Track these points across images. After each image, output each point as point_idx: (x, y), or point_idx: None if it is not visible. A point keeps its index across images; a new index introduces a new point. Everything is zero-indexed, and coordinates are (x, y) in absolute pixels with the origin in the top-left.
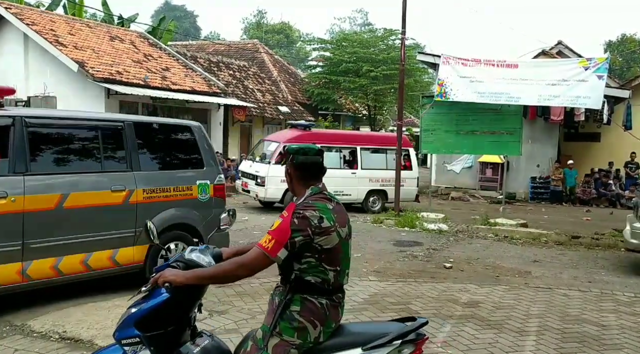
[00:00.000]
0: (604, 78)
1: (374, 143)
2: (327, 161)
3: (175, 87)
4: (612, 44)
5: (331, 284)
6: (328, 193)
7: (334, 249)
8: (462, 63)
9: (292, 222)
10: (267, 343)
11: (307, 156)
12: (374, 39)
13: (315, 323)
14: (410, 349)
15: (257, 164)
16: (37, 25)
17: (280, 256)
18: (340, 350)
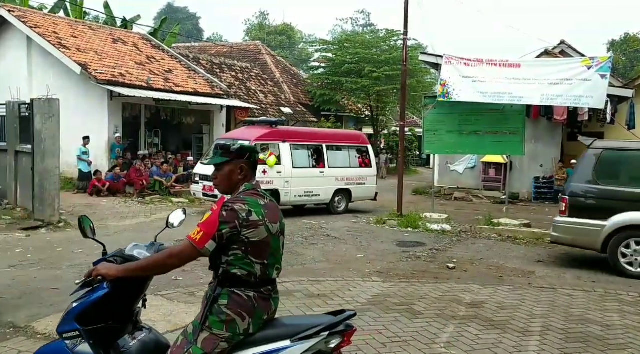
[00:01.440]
0: (607, 77)
1: (337, 140)
2: (296, 160)
3: (178, 89)
4: (615, 43)
5: (258, 277)
6: (261, 190)
7: (261, 242)
8: (465, 63)
9: (220, 214)
10: (197, 337)
11: (258, 154)
12: (376, 40)
13: (243, 315)
14: (337, 340)
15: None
16: (40, 28)
17: (208, 247)
18: (270, 342)
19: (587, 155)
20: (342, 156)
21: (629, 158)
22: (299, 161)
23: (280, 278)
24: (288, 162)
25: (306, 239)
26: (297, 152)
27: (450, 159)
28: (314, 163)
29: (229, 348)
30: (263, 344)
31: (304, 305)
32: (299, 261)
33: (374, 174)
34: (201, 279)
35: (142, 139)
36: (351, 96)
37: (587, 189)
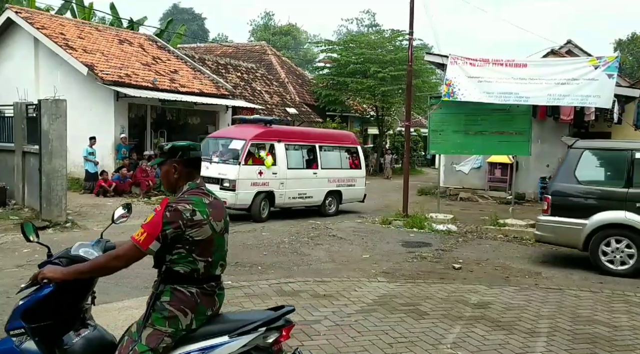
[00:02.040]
0: (614, 77)
1: (329, 141)
2: (291, 160)
3: (183, 90)
4: (622, 43)
5: (201, 274)
6: (206, 189)
7: (205, 241)
8: (470, 63)
9: (163, 215)
10: (141, 334)
11: (196, 151)
12: (381, 40)
13: (185, 311)
14: (275, 335)
15: (218, 165)
16: (47, 29)
17: (152, 248)
18: (210, 337)
19: (569, 155)
20: (333, 157)
21: (609, 157)
22: (293, 161)
23: (286, 278)
24: (283, 163)
25: (312, 239)
26: (291, 153)
27: (456, 159)
28: (307, 164)
29: (172, 343)
30: (203, 340)
31: (310, 305)
32: (305, 261)
33: (363, 176)
34: None
35: (148, 140)
36: (356, 96)
37: (568, 189)
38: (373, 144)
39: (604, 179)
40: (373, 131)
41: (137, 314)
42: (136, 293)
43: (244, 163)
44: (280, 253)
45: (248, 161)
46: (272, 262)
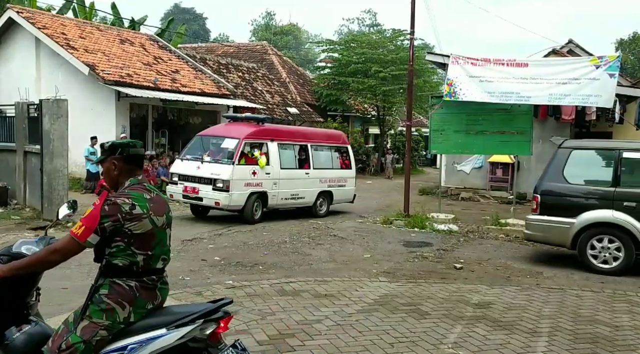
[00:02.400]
0: (615, 76)
1: (321, 140)
2: (284, 160)
3: (185, 89)
4: (623, 43)
5: (141, 267)
6: (147, 185)
7: (145, 234)
8: (472, 63)
9: (102, 208)
10: (77, 325)
11: (136, 149)
12: (382, 40)
13: (123, 304)
14: (212, 327)
15: (211, 164)
16: (48, 29)
17: (90, 240)
18: (149, 330)
19: (558, 154)
20: (325, 157)
21: (597, 157)
22: (286, 161)
23: (287, 277)
24: (276, 163)
25: (313, 239)
26: (284, 152)
27: (457, 159)
28: (299, 164)
29: (109, 336)
30: (141, 333)
31: (311, 305)
32: (306, 261)
33: (353, 176)
34: (208, 279)
35: (149, 139)
36: (357, 95)
37: (557, 188)
38: (374, 143)
39: (591, 179)
40: (374, 130)
41: None
42: None
43: (238, 163)
44: (281, 253)
45: (241, 161)
46: (273, 262)
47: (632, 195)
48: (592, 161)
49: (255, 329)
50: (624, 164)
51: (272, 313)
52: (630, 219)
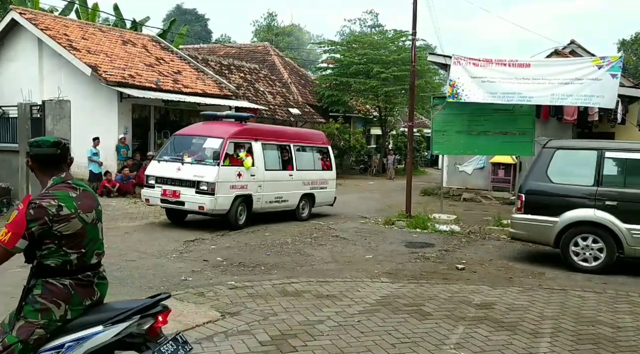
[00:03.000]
0: (617, 77)
1: (303, 140)
2: (268, 161)
3: (186, 90)
4: (626, 43)
5: (74, 265)
6: (73, 181)
7: (75, 234)
8: (474, 63)
9: (27, 213)
10: (13, 326)
11: (39, 148)
12: (384, 41)
13: (58, 303)
14: (150, 322)
15: (193, 166)
16: (51, 30)
17: (19, 246)
18: (86, 328)
19: (542, 154)
20: (307, 158)
21: (580, 157)
22: (270, 162)
23: (289, 278)
24: (261, 164)
25: (315, 239)
26: (268, 153)
27: (459, 160)
28: (282, 165)
29: (46, 334)
30: (78, 331)
31: (313, 306)
32: (308, 262)
33: (334, 178)
34: (210, 280)
35: (152, 140)
36: (359, 96)
37: (541, 187)
38: (376, 144)
39: (574, 178)
40: (376, 131)
41: None
42: (140, 293)
43: (223, 164)
44: (284, 254)
45: (226, 162)
46: (275, 263)
47: (613, 194)
48: (575, 160)
49: (258, 329)
50: (606, 164)
51: (274, 314)
52: (611, 217)
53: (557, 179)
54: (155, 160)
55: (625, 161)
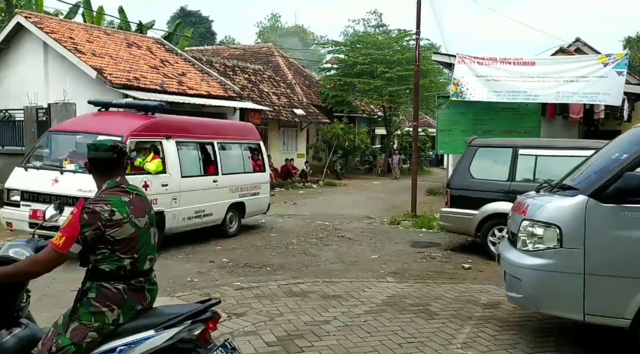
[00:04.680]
0: (623, 74)
1: (229, 135)
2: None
3: (191, 92)
4: (631, 41)
5: (128, 271)
6: (127, 186)
7: (128, 239)
8: (478, 62)
9: (81, 218)
10: (67, 327)
11: (97, 152)
12: (388, 41)
13: (112, 307)
14: (200, 328)
15: (76, 176)
16: (56, 33)
17: (73, 250)
18: (137, 332)
19: (466, 152)
20: (235, 158)
21: (497, 154)
22: (188, 166)
23: (294, 278)
24: (176, 170)
25: (320, 240)
26: (186, 154)
27: None
28: (204, 169)
29: (99, 338)
30: (130, 335)
31: (319, 306)
32: (314, 262)
33: (267, 181)
34: (216, 281)
35: None
36: (364, 96)
37: (464, 183)
38: (381, 144)
39: (492, 174)
40: (381, 131)
41: None
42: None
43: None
44: (289, 254)
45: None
46: (281, 263)
47: (525, 188)
48: (493, 157)
49: (264, 330)
50: (519, 161)
51: (281, 314)
52: None
53: (477, 175)
54: (20, 167)
55: (536, 157)
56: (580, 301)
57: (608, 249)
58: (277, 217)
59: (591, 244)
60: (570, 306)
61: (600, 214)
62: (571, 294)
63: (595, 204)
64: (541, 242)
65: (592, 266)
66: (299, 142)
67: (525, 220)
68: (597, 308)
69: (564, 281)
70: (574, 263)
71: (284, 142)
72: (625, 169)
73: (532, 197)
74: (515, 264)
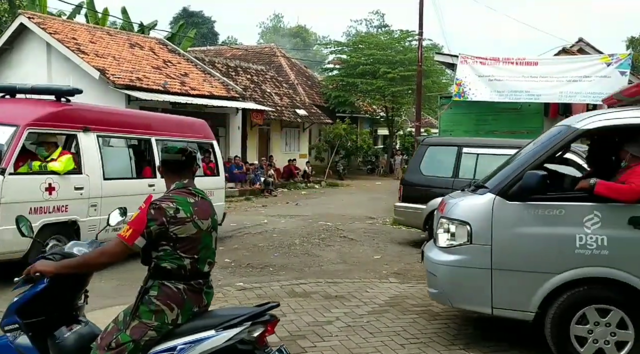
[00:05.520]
0: (626, 74)
1: (172, 132)
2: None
3: (194, 92)
4: (634, 41)
5: (188, 271)
6: (194, 189)
7: (190, 238)
8: (481, 62)
9: (148, 212)
10: (128, 325)
11: (168, 154)
12: (390, 41)
13: (172, 306)
14: (260, 330)
15: None
16: (59, 34)
17: (138, 244)
18: (197, 332)
19: (418, 150)
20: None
21: (443, 152)
22: (114, 166)
23: (297, 279)
24: (96, 170)
25: (322, 240)
26: (110, 152)
27: None
28: (137, 171)
29: (157, 337)
30: (189, 334)
31: (321, 307)
32: (316, 263)
33: (222, 186)
34: (219, 281)
35: None
36: (366, 97)
37: (415, 179)
38: (383, 145)
39: (439, 171)
40: (383, 131)
41: None
42: None
43: (14, 171)
44: (292, 254)
45: (21, 168)
46: (283, 264)
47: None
48: (441, 155)
49: None
50: (463, 158)
51: (283, 315)
52: None
53: (427, 172)
54: None
55: (477, 155)
56: (488, 295)
57: (513, 245)
58: (280, 217)
59: (498, 240)
60: (480, 300)
61: (505, 212)
62: (480, 289)
63: (502, 202)
64: (454, 239)
65: (499, 262)
66: (302, 143)
67: (442, 218)
68: (503, 301)
69: (474, 276)
70: (482, 259)
71: (287, 143)
72: (529, 168)
73: (453, 197)
74: (432, 261)
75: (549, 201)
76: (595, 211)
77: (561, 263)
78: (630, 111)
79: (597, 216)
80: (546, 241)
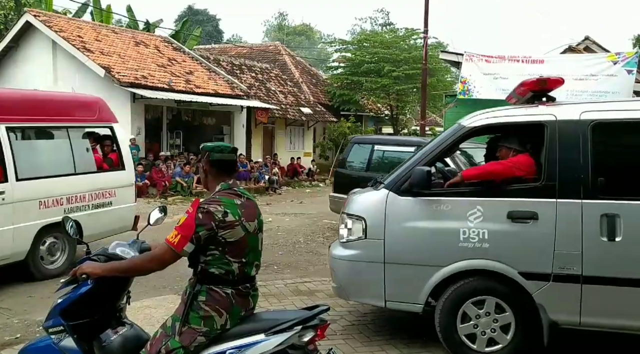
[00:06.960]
0: (633, 73)
1: (43, 116)
2: None
3: (198, 91)
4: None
5: (236, 275)
6: (239, 189)
7: (238, 242)
8: (486, 60)
9: (196, 217)
10: (176, 331)
11: (222, 154)
12: (395, 39)
13: (221, 311)
14: (310, 334)
15: None
16: (65, 32)
17: (186, 250)
18: (246, 336)
19: (348, 146)
20: (55, 150)
21: (362, 149)
22: None
23: (301, 277)
24: None
25: (327, 239)
26: None
27: None
28: None
29: (206, 342)
30: (239, 338)
31: None
32: (321, 261)
33: (129, 184)
34: None
35: (164, 141)
36: (371, 95)
37: (342, 172)
38: None
39: (358, 165)
40: (388, 130)
41: (155, 313)
42: (154, 293)
43: None
44: (296, 253)
45: None
46: (287, 262)
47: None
48: (362, 152)
49: None
50: (374, 154)
51: None
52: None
53: (350, 166)
54: None
55: (384, 151)
56: (381, 288)
57: (403, 239)
58: (284, 216)
59: (390, 234)
60: (374, 293)
61: (397, 207)
62: (374, 282)
63: (394, 197)
64: (351, 234)
65: (390, 256)
66: (306, 141)
67: (342, 213)
68: (395, 294)
69: (368, 270)
70: (375, 253)
71: (291, 141)
72: (421, 164)
73: (355, 192)
74: (332, 256)
75: (436, 196)
76: (478, 206)
77: (446, 256)
78: (511, 110)
79: (479, 210)
80: (433, 235)
